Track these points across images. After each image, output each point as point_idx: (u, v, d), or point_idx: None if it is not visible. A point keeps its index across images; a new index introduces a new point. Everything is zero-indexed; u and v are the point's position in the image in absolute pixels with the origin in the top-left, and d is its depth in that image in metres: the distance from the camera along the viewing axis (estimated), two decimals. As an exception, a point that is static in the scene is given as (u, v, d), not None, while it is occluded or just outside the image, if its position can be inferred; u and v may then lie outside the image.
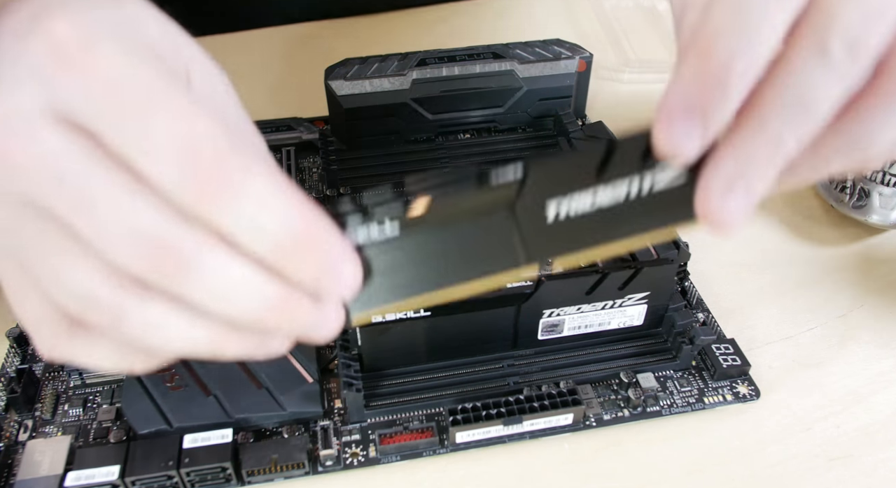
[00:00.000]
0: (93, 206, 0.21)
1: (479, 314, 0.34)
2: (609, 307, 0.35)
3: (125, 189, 0.21)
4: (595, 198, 0.25)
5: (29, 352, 0.38)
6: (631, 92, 0.59)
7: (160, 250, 0.21)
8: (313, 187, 0.49)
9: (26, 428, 0.34)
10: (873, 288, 0.42)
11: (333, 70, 0.48)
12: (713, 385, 0.36)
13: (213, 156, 0.20)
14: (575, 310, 0.35)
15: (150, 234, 0.21)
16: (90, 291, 0.22)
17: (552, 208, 0.25)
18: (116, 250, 0.21)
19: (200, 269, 0.21)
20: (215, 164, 0.20)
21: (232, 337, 0.23)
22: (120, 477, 0.30)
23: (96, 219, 0.21)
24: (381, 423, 0.34)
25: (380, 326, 0.33)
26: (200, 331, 0.23)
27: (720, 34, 0.21)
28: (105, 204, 0.20)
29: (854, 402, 0.36)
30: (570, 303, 0.35)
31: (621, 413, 0.35)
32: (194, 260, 0.21)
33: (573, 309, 0.35)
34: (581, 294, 0.34)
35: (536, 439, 0.34)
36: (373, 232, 0.25)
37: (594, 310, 0.34)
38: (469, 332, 0.35)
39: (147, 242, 0.21)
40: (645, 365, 0.36)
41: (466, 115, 0.51)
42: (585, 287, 0.33)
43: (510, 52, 0.50)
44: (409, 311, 0.28)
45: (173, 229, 0.21)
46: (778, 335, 0.39)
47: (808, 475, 0.33)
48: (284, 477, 0.32)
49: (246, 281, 0.21)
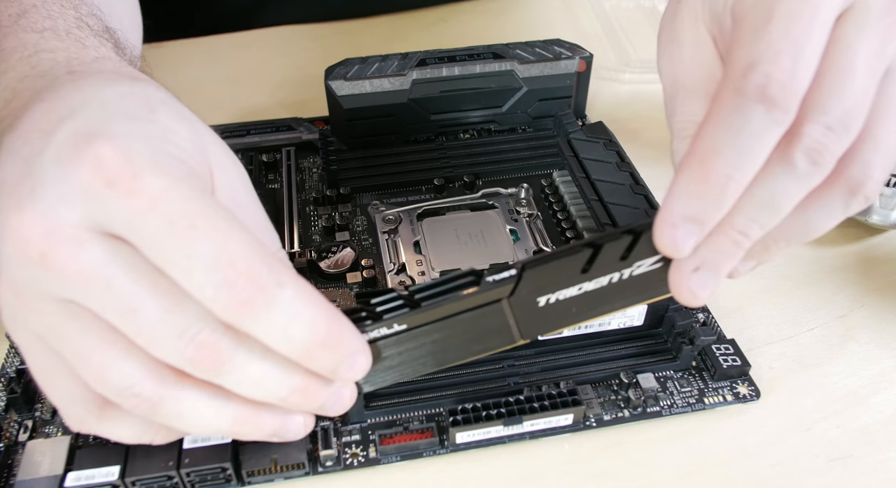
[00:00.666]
0: (139, 311, 0.23)
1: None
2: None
3: (169, 296, 0.23)
4: (581, 286, 0.29)
5: (29, 353, 0.38)
6: (631, 92, 0.59)
7: (201, 350, 0.23)
8: (313, 187, 0.49)
9: (26, 429, 0.34)
10: (873, 288, 0.42)
11: (333, 70, 0.48)
12: (713, 385, 0.36)
13: (248, 272, 0.23)
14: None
15: (192, 336, 0.23)
16: (132, 385, 0.24)
17: (543, 299, 0.29)
18: (160, 349, 0.23)
19: (235, 364, 0.24)
20: (250, 280, 0.23)
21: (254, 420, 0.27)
22: (120, 477, 0.30)
23: (142, 322, 0.23)
24: (381, 424, 0.34)
25: None
26: (226, 418, 0.26)
27: (717, 158, 0.24)
28: (150, 309, 0.23)
29: (854, 402, 0.36)
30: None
31: (621, 413, 0.35)
32: (231, 358, 0.24)
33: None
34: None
35: (537, 439, 0.34)
36: (383, 330, 0.28)
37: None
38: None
39: (189, 342, 0.23)
40: (645, 365, 0.36)
41: (466, 115, 0.51)
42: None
43: (510, 51, 0.50)
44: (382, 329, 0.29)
45: (213, 328, 0.23)
46: (778, 335, 0.39)
47: (809, 475, 0.33)
48: (284, 477, 0.32)
49: (273, 371, 0.25)
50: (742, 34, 0.25)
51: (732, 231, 0.25)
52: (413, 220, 0.44)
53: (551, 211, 0.45)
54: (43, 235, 0.22)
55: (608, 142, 0.44)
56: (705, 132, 0.25)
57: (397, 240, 0.43)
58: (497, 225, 0.44)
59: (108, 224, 0.23)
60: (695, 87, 0.29)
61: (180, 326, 0.23)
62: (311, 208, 0.47)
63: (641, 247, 0.28)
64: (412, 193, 0.47)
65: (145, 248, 0.23)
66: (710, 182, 0.24)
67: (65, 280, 0.23)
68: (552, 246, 0.43)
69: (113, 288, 0.23)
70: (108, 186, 0.22)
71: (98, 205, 0.23)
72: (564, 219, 0.44)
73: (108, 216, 0.23)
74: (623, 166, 0.42)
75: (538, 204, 0.46)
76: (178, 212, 0.22)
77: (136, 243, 0.23)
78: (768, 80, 0.24)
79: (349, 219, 0.45)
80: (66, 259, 0.22)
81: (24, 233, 0.22)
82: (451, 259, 0.41)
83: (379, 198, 0.47)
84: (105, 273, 0.23)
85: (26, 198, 0.23)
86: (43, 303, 0.23)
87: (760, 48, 0.24)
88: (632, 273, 0.29)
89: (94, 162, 0.22)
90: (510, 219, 0.44)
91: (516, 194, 0.47)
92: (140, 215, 0.22)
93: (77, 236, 0.23)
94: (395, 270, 0.41)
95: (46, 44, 0.30)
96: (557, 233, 0.44)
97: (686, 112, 0.29)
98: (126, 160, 0.23)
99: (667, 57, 0.30)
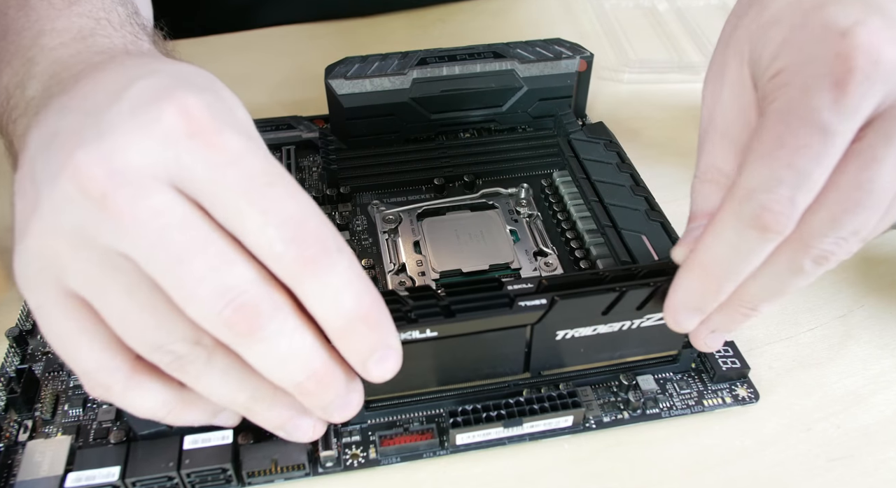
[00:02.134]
0: (187, 264, 0.23)
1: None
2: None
3: (219, 252, 0.23)
4: (597, 328, 0.32)
5: (28, 352, 0.38)
6: (631, 92, 0.59)
7: (239, 312, 0.23)
8: (313, 186, 0.49)
9: (26, 429, 0.34)
10: (873, 288, 0.42)
11: (333, 68, 0.48)
12: (712, 387, 0.36)
13: (317, 233, 0.24)
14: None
15: (235, 294, 0.23)
16: (170, 341, 0.24)
17: (561, 333, 0.32)
18: (199, 307, 0.23)
19: (267, 333, 0.24)
20: (318, 240, 0.24)
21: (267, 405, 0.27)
22: (120, 478, 0.30)
23: (187, 276, 0.23)
24: (381, 424, 0.34)
25: None
26: (245, 391, 0.26)
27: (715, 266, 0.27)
28: (199, 264, 0.23)
29: (854, 403, 0.36)
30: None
31: (621, 415, 0.35)
32: (265, 326, 0.23)
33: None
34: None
35: (536, 441, 0.34)
36: (415, 333, 0.29)
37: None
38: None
39: (229, 303, 0.23)
40: (645, 367, 0.36)
41: (466, 115, 0.50)
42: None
43: (511, 51, 0.50)
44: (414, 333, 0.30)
45: (257, 292, 0.23)
46: (778, 335, 0.39)
47: (809, 475, 0.33)
48: (285, 478, 0.32)
49: (300, 349, 0.24)
50: (756, 146, 0.26)
51: (742, 307, 0.29)
52: (413, 220, 0.44)
53: (551, 211, 0.45)
54: (109, 174, 0.22)
55: (608, 142, 0.44)
56: (706, 242, 0.27)
57: (397, 240, 0.43)
58: (497, 225, 0.44)
59: (179, 175, 0.23)
60: (726, 132, 0.29)
61: (225, 285, 0.23)
62: (311, 208, 0.47)
63: (656, 301, 0.31)
64: (412, 193, 0.47)
65: (217, 202, 0.23)
66: (707, 283, 0.28)
67: (120, 224, 0.22)
68: (552, 246, 0.43)
69: (167, 237, 0.22)
70: (190, 137, 0.23)
71: (174, 153, 0.23)
72: (564, 219, 0.44)
73: (184, 166, 0.23)
74: (623, 167, 0.42)
75: (538, 204, 0.46)
76: (258, 170, 0.23)
77: (206, 197, 0.23)
78: (763, 210, 0.25)
79: (349, 218, 0.45)
80: (126, 202, 0.22)
81: (90, 170, 0.22)
82: (451, 259, 0.41)
83: (379, 197, 0.47)
84: (162, 221, 0.22)
85: (93, 140, 0.23)
86: (89, 252, 0.23)
87: (763, 174, 0.25)
88: (641, 324, 0.32)
89: (179, 111, 0.23)
90: (510, 220, 0.44)
91: (516, 194, 0.47)
92: (219, 168, 0.23)
93: (143, 182, 0.22)
94: (395, 270, 0.41)
95: (102, 30, 0.31)
96: (557, 233, 0.44)
97: (712, 156, 0.29)
98: (211, 114, 0.23)
99: (710, 89, 0.30)
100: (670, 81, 0.60)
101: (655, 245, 0.37)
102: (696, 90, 0.38)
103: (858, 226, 0.26)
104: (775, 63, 0.26)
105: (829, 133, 0.24)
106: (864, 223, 0.26)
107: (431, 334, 0.29)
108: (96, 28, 0.31)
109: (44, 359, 0.37)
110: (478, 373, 0.33)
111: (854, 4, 0.25)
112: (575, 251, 0.42)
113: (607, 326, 0.32)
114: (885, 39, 0.24)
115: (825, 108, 0.24)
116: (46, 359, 0.37)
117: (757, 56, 0.27)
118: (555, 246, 0.43)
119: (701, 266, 0.28)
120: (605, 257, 0.39)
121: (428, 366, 0.32)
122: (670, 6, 0.69)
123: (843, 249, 0.26)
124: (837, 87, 0.24)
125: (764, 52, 0.27)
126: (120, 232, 0.22)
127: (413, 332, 0.29)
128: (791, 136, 0.25)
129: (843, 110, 0.24)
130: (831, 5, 0.26)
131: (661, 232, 0.38)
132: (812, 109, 0.24)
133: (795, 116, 0.25)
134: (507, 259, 0.41)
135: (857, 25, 0.25)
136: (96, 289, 0.24)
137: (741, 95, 0.28)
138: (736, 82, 0.28)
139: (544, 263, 0.41)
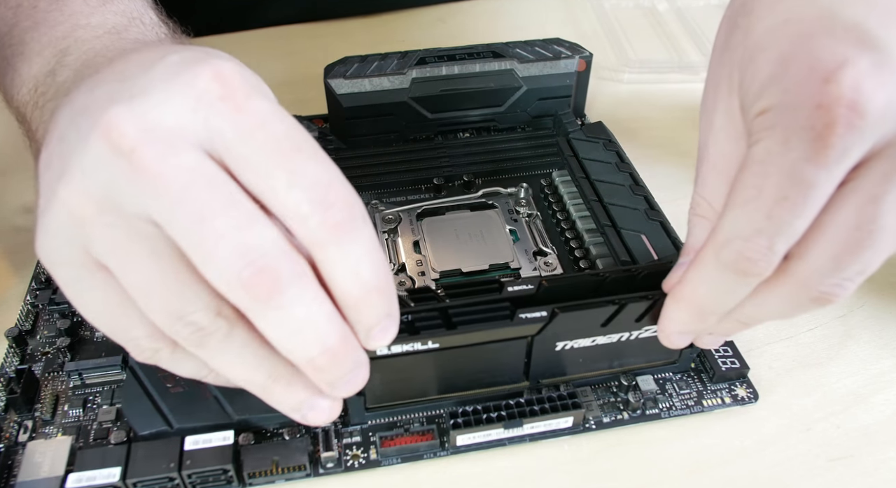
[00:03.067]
0: (209, 221, 0.22)
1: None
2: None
3: (243, 212, 0.23)
4: (595, 339, 0.32)
5: (28, 352, 0.37)
6: (631, 92, 0.59)
7: (259, 274, 0.23)
8: (313, 187, 0.48)
9: (26, 429, 0.34)
10: (873, 288, 0.42)
11: (333, 68, 0.48)
12: (712, 387, 0.36)
13: (344, 198, 0.24)
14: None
15: (256, 255, 0.23)
16: (188, 314, 0.24)
17: (560, 344, 0.32)
18: (219, 267, 0.23)
19: (286, 299, 0.23)
20: (345, 205, 0.24)
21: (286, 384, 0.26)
22: (121, 478, 0.30)
23: (209, 233, 0.22)
24: (381, 425, 0.34)
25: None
26: (264, 370, 0.26)
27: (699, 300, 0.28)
28: (221, 220, 0.22)
29: (854, 402, 0.36)
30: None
31: (621, 415, 0.35)
32: (284, 291, 0.23)
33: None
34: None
35: (536, 442, 0.34)
36: (417, 345, 0.29)
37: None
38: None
39: (250, 264, 0.23)
40: (644, 367, 0.36)
41: (466, 115, 0.50)
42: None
43: (510, 51, 0.50)
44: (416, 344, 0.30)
45: (278, 256, 0.23)
46: (778, 335, 0.39)
47: (809, 475, 0.33)
48: (285, 478, 0.32)
49: (316, 320, 0.24)
50: (735, 193, 0.25)
51: (737, 323, 0.29)
52: (413, 220, 0.44)
53: (551, 211, 0.45)
54: (140, 131, 0.22)
55: (608, 142, 0.44)
56: (689, 278, 0.28)
57: (397, 240, 0.43)
58: (497, 225, 0.44)
59: (209, 137, 0.23)
60: (716, 163, 0.28)
61: (247, 246, 0.23)
62: (311, 208, 0.47)
63: (655, 313, 0.31)
64: (412, 193, 0.47)
65: (245, 165, 0.23)
66: (692, 315, 0.29)
67: (147, 182, 0.22)
68: (552, 246, 0.43)
69: (190, 195, 0.22)
70: (222, 100, 0.23)
71: (206, 115, 0.23)
72: (564, 219, 0.44)
73: (214, 128, 0.23)
74: (622, 166, 0.42)
75: (538, 204, 0.46)
76: (286, 134, 0.24)
77: (234, 159, 0.23)
78: (740, 256, 0.25)
79: (349, 218, 0.45)
80: (154, 158, 0.22)
81: (121, 126, 0.22)
82: (450, 259, 0.41)
83: (378, 197, 0.47)
84: (187, 178, 0.22)
85: (127, 100, 0.23)
86: (115, 216, 0.23)
87: (741, 222, 0.25)
88: (639, 335, 0.33)
89: (214, 75, 0.23)
90: (510, 219, 0.44)
91: (516, 194, 0.47)
92: (249, 131, 0.23)
93: (173, 141, 0.23)
94: (394, 270, 0.41)
95: (136, 27, 0.32)
96: (557, 233, 0.44)
97: (704, 188, 0.29)
98: (243, 80, 0.24)
99: (705, 115, 0.29)
100: (670, 81, 0.60)
101: (655, 244, 0.37)
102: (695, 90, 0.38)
103: (863, 267, 0.25)
104: (761, 101, 0.25)
105: (809, 186, 0.23)
106: (868, 263, 0.25)
107: (433, 345, 0.29)
108: (129, 25, 0.32)
109: (43, 359, 0.37)
110: (478, 382, 0.33)
111: (846, 38, 0.23)
112: (574, 251, 0.42)
113: (606, 337, 0.32)
114: (874, 86, 0.23)
115: (805, 160, 0.23)
116: (46, 360, 0.37)
117: (746, 87, 0.26)
118: (554, 245, 0.43)
119: (685, 299, 0.28)
120: (604, 257, 0.40)
121: (428, 376, 0.32)
122: (670, 6, 0.69)
123: (848, 290, 0.25)
124: (818, 140, 0.23)
125: (752, 86, 0.26)
126: (146, 190, 0.22)
127: (415, 344, 0.29)
128: (771, 187, 0.24)
129: (823, 163, 0.23)
130: (821, 37, 0.24)
131: (661, 231, 0.38)
132: (792, 162, 0.23)
133: (775, 167, 0.24)
134: (507, 258, 0.41)
135: (843, 68, 0.23)
136: (121, 255, 0.24)
137: (731, 125, 0.27)
138: (726, 111, 0.28)
139: (544, 263, 0.41)
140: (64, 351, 0.37)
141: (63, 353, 0.37)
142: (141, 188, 0.22)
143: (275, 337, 0.24)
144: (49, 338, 0.38)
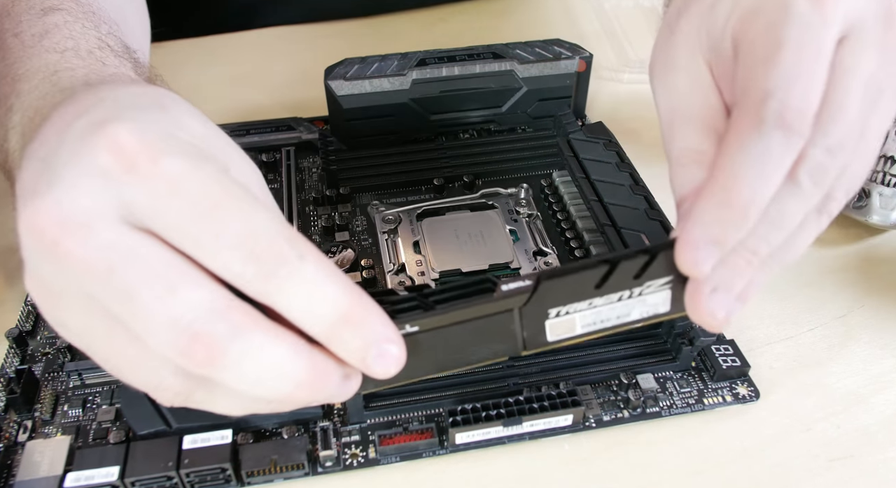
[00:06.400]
0: (136, 298, 0.22)
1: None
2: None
3: (167, 280, 0.22)
4: (592, 301, 0.29)
5: (28, 353, 0.38)
6: (631, 92, 0.59)
7: (195, 340, 0.22)
8: (313, 187, 0.49)
9: (25, 429, 0.34)
10: (873, 288, 0.42)
11: (333, 70, 0.48)
12: (713, 386, 0.36)
13: (271, 246, 0.23)
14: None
15: (186, 323, 0.22)
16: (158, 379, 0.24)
17: (553, 311, 0.29)
18: (159, 341, 0.23)
19: (232, 356, 0.23)
20: (273, 254, 0.23)
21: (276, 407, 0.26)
22: (120, 477, 0.30)
23: (139, 311, 0.22)
24: (380, 424, 0.34)
25: None
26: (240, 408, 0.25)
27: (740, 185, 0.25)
28: (146, 295, 0.22)
29: (854, 402, 0.36)
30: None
31: (621, 414, 0.35)
32: (227, 347, 0.22)
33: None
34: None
35: (536, 440, 0.34)
36: None
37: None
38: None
39: (182, 332, 0.22)
40: (644, 366, 0.36)
41: (466, 115, 0.51)
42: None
43: (510, 51, 0.50)
44: None
45: (210, 318, 0.22)
46: (778, 335, 0.39)
47: (809, 475, 0.33)
48: (284, 477, 0.32)
49: (278, 362, 0.23)
50: (752, 61, 0.26)
51: (745, 251, 0.26)
52: (413, 220, 0.44)
53: (551, 211, 0.45)
54: (58, 223, 0.22)
55: (608, 142, 0.44)
56: (726, 160, 0.25)
57: (397, 241, 0.43)
58: (497, 225, 0.44)
59: (126, 209, 0.23)
60: (691, 116, 0.29)
61: (175, 316, 0.22)
62: (311, 208, 0.47)
63: (655, 267, 0.29)
64: (412, 193, 0.47)
65: (167, 231, 0.23)
66: (733, 208, 0.25)
67: (73, 269, 0.22)
68: (552, 246, 0.43)
69: (114, 274, 0.22)
70: (127, 172, 0.22)
71: (118, 189, 0.22)
72: (564, 219, 0.44)
73: (128, 201, 0.23)
74: (623, 166, 0.42)
75: (538, 204, 0.46)
76: (201, 192, 0.23)
77: (156, 226, 0.23)
78: (785, 107, 0.25)
79: (349, 219, 0.45)
80: (75, 245, 0.22)
81: (38, 221, 0.22)
82: (450, 259, 0.41)
83: (378, 198, 0.47)
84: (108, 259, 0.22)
85: (42, 190, 0.23)
86: (69, 300, 0.23)
87: (775, 76, 0.25)
88: (641, 292, 0.30)
89: (110, 145, 0.23)
90: (510, 220, 0.44)
91: (516, 194, 0.47)
92: (162, 198, 0.22)
93: (91, 222, 0.22)
94: (394, 270, 0.41)
95: (67, 63, 0.31)
96: (557, 233, 0.44)
97: (684, 140, 0.29)
98: (143, 142, 0.23)
99: (662, 85, 0.30)
100: (670, 82, 0.60)
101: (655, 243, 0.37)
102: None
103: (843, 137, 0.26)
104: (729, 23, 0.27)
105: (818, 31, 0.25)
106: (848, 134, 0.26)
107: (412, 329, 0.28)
108: (60, 61, 0.31)
109: (43, 359, 0.37)
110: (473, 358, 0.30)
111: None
112: (575, 250, 0.42)
113: (604, 299, 0.30)
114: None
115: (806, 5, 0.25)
116: (46, 360, 0.37)
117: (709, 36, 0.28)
118: (554, 245, 0.43)
119: (723, 187, 0.25)
120: (604, 257, 0.39)
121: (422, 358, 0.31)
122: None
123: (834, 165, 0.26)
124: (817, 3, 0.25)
125: (713, 30, 0.28)
126: (80, 276, 0.23)
127: None
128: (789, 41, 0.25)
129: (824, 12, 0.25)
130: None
131: (661, 230, 0.38)
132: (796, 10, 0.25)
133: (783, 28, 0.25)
134: (507, 259, 0.41)
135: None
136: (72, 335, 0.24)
137: (699, 81, 0.28)
138: (690, 70, 0.28)
139: (544, 263, 0.41)
140: (64, 351, 0.37)
141: (63, 354, 0.37)
142: (74, 276, 0.23)
143: (242, 390, 0.24)
144: (49, 338, 0.38)
